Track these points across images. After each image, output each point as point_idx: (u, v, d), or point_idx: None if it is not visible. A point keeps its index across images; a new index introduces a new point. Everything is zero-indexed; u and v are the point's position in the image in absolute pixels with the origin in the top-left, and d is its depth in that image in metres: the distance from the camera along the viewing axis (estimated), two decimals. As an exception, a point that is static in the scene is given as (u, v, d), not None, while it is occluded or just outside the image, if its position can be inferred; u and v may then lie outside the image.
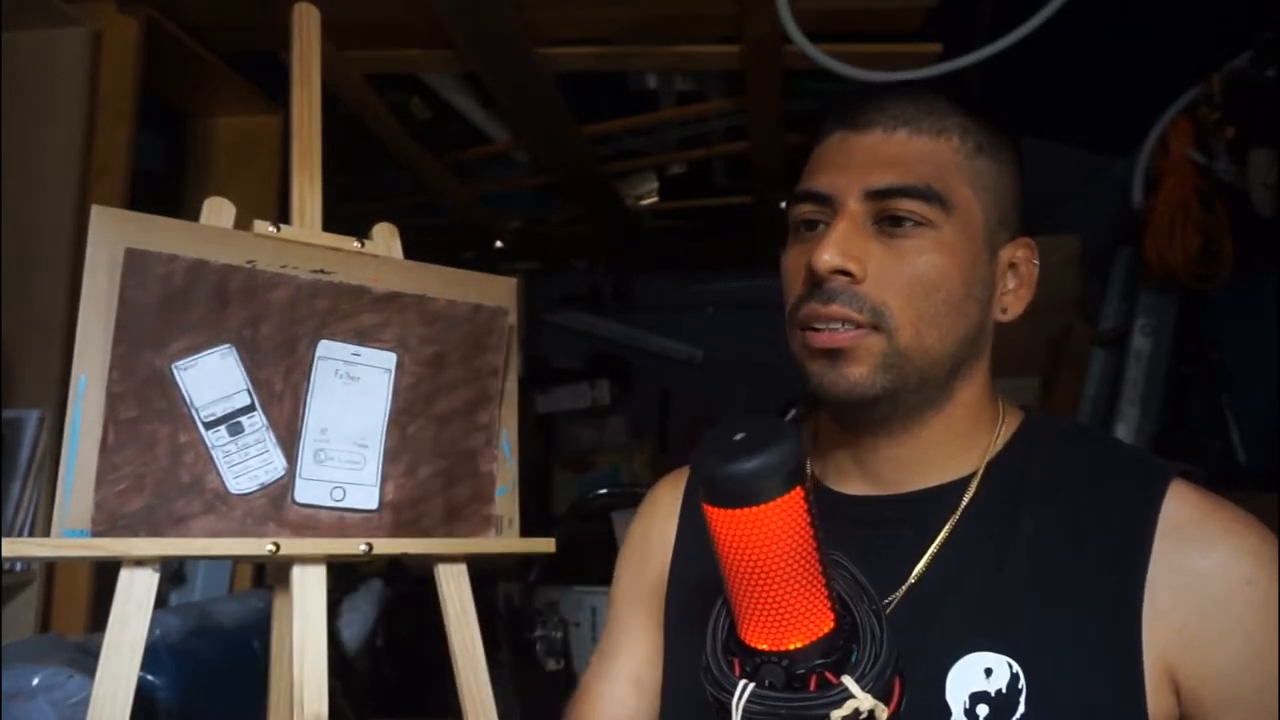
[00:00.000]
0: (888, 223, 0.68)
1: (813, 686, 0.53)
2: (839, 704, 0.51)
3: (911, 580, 0.69)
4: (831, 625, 0.53)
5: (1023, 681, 0.63)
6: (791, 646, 0.53)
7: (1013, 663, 0.64)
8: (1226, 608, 0.62)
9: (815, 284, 0.68)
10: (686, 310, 3.91)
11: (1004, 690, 0.63)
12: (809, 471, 0.76)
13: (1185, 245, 2.00)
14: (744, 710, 0.52)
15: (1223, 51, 1.87)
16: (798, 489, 0.50)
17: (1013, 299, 0.74)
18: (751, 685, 0.53)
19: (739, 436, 0.51)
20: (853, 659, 0.53)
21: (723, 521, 0.51)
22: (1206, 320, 2.21)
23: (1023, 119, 2.30)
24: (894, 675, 0.54)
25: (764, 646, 0.54)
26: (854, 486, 0.75)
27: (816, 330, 0.68)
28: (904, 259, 0.67)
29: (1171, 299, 2.22)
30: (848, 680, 0.52)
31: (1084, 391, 2.38)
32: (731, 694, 0.53)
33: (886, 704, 0.53)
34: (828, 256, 0.66)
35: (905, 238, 0.67)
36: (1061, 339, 2.36)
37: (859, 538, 0.71)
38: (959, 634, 0.66)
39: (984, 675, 0.64)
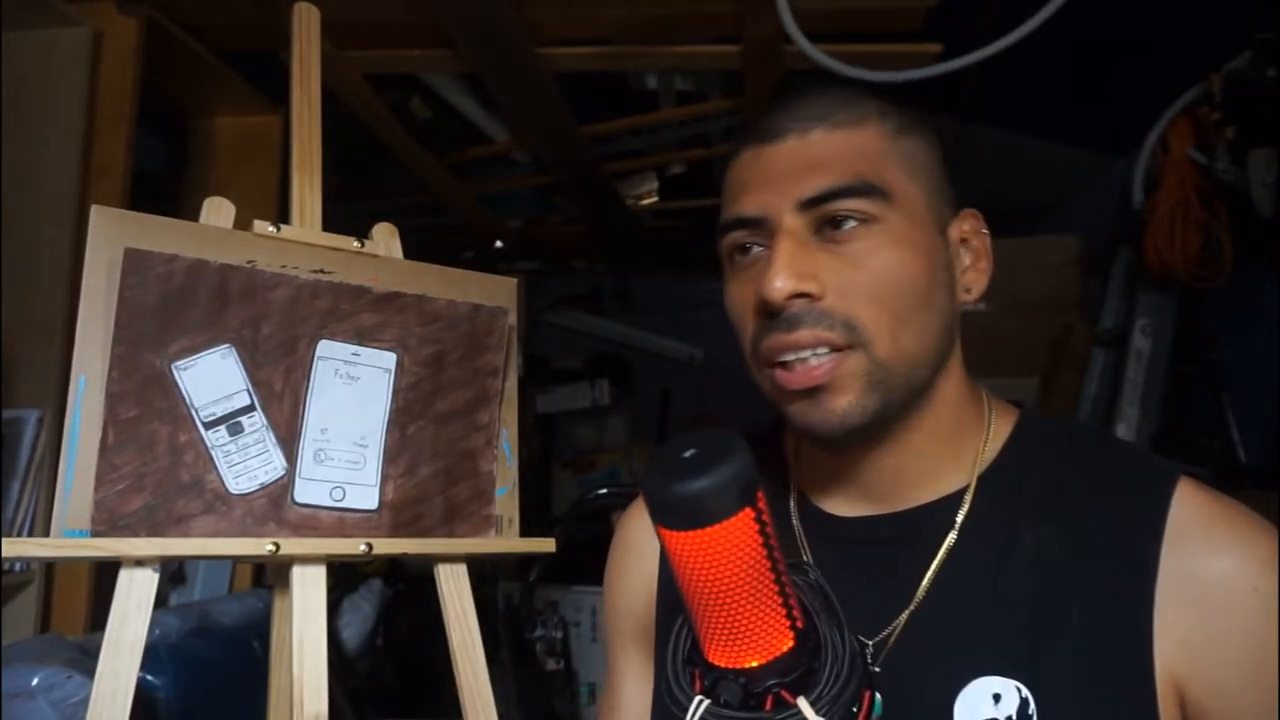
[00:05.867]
0: (830, 229, 0.63)
1: (768, 706, 0.51)
2: None
3: (914, 604, 0.65)
4: (791, 644, 0.52)
5: (1033, 707, 0.60)
6: (750, 665, 0.51)
7: (1021, 687, 0.60)
8: (1232, 616, 0.59)
9: (771, 314, 0.63)
10: (686, 310, 3.90)
11: (1014, 717, 0.60)
12: (792, 485, 0.75)
13: (1185, 245, 2.00)
14: None
15: (1223, 51, 1.87)
16: (748, 509, 0.48)
17: (974, 275, 0.69)
18: (706, 702, 0.52)
19: (687, 454, 0.49)
20: (817, 678, 0.52)
21: (673, 543, 0.50)
22: (1206, 320, 2.22)
23: (1023, 119, 2.31)
24: (858, 693, 0.53)
25: (723, 664, 0.52)
26: (846, 506, 0.71)
27: (787, 367, 0.63)
28: (859, 264, 0.62)
29: (1171, 299, 2.23)
30: (802, 703, 0.50)
31: (1084, 391, 2.38)
32: (686, 709, 0.52)
33: None
34: (779, 283, 0.61)
35: (853, 240, 0.63)
36: (1061, 339, 2.36)
37: (857, 560, 0.69)
38: (964, 658, 0.62)
39: (992, 701, 0.61)
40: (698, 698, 0.53)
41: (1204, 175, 2.00)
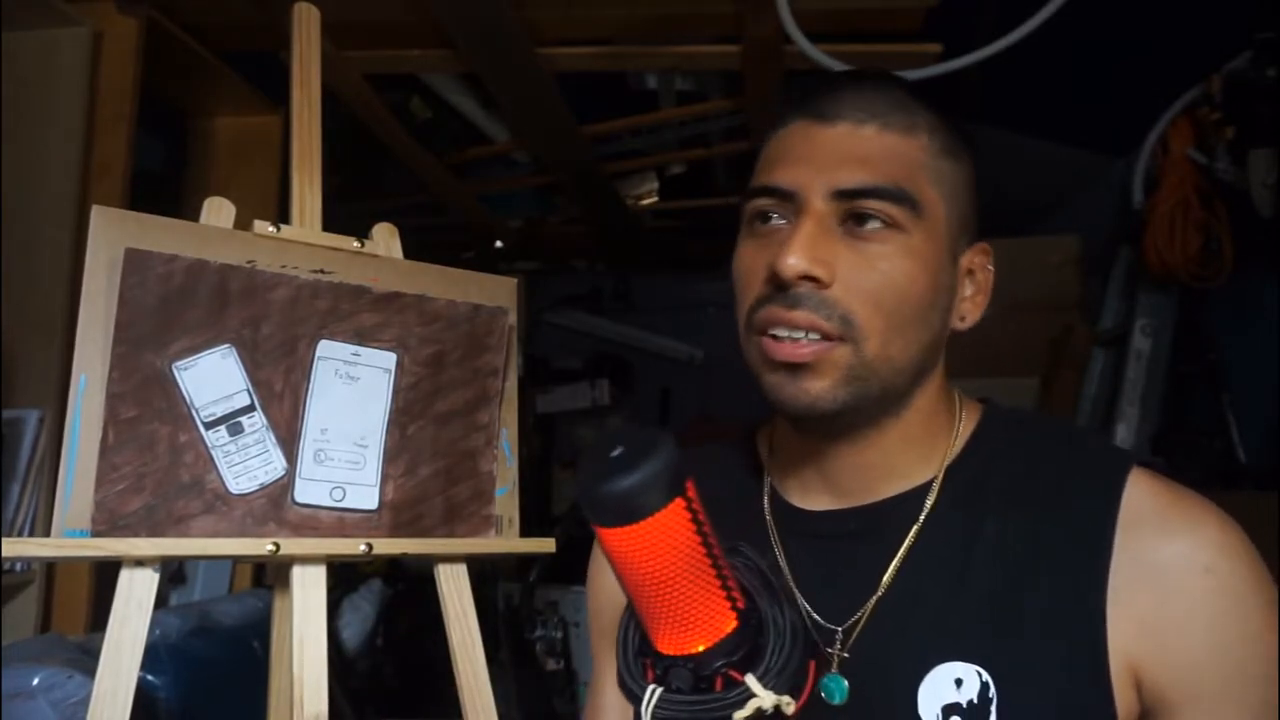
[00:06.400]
0: (854, 223, 0.64)
1: (718, 687, 0.53)
2: (741, 704, 0.52)
3: (879, 592, 0.67)
4: (735, 625, 0.53)
5: (993, 690, 0.62)
6: (697, 649, 0.53)
7: (982, 671, 0.62)
8: (1186, 598, 0.60)
9: (778, 287, 0.64)
10: (686, 310, 3.91)
11: (975, 700, 0.62)
12: (765, 482, 0.76)
13: (1185, 245, 2.00)
14: (652, 714, 0.53)
15: (1223, 51, 1.87)
16: (678, 500, 0.50)
17: (970, 306, 0.70)
18: (659, 690, 0.54)
19: (615, 453, 0.51)
20: (762, 654, 0.54)
21: (609, 539, 0.51)
22: (1206, 320, 2.22)
23: (1023, 119, 2.31)
24: (803, 664, 0.54)
25: (671, 652, 0.54)
26: (816, 500, 0.72)
27: (777, 339, 0.64)
28: (873, 264, 0.63)
29: (1171, 299, 2.23)
30: (750, 680, 0.52)
31: (1084, 391, 2.38)
32: (642, 699, 0.54)
33: (796, 695, 0.53)
34: (793, 260, 0.62)
35: (873, 241, 0.64)
36: (1061, 339, 2.36)
37: (826, 552, 0.70)
38: (928, 645, 0.64)
39: (955, 686, 0.63)
40: (650, 687, 0.54)
41: (1204, 175, 1.99)
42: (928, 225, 0.65)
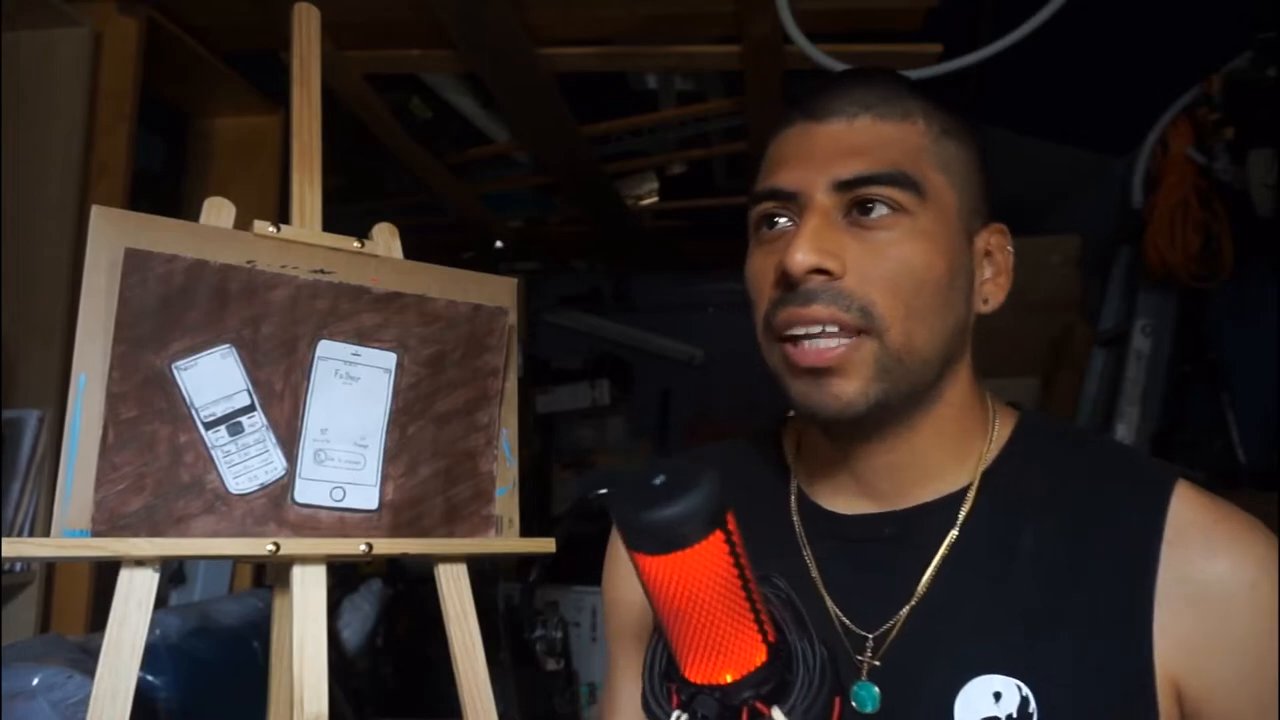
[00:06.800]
0: (859, 212, 0.63)
1: (744, 718, 0.53)
2: None
3: (914, 601, 0.66)
4: (764, 658, 0.53)
5: (1033, 705, 0.61)
6: (725, 680, 0.53)
7: (1022, 685, 0.61)
8: (1229, 615, 0.60)
9: (790, 286, 0.63)
10: (686, 310, 3.91)
11: (1014, 715, 0.61)
12: (792, 484, 0.76)
13: (1185, 245, 2.00)
14: None
15: (1223, 51, 1.87)
16: (718, 532, 0.50)
17: (992, 288, 0.70)
18: (684, 716, 0.54)
19: (657, 481, 0.51)
20: (790, 689, 0.54)
21: (647, 567, 0.51)
22: (1206, 320, 2.22)
23: (1023, 119, 2.31)
24: (830, 701, 0.54)
25: (699, 680, 0.54)
26: (848, 504, 0.71)
27: (797, 342, 0.63)
28: (883, 252, 0.63)
29: (1171, 299, 2.23)
30: (777, 713, 0.52)
31: (1084, 391, 2.38)
32: None
33: None
34: (800, 256, 0.61)
35: (881, 228, 0.63)
36: (1061, 339, 2.37)
37: (858, 557, 0.69)
38: (965, 657, 0.63)
39: (993, 700, 0.62)
40: (675, 712, 0.54)
41: (1204, 175, 2.00)
42: (935, 208, 0.64)
